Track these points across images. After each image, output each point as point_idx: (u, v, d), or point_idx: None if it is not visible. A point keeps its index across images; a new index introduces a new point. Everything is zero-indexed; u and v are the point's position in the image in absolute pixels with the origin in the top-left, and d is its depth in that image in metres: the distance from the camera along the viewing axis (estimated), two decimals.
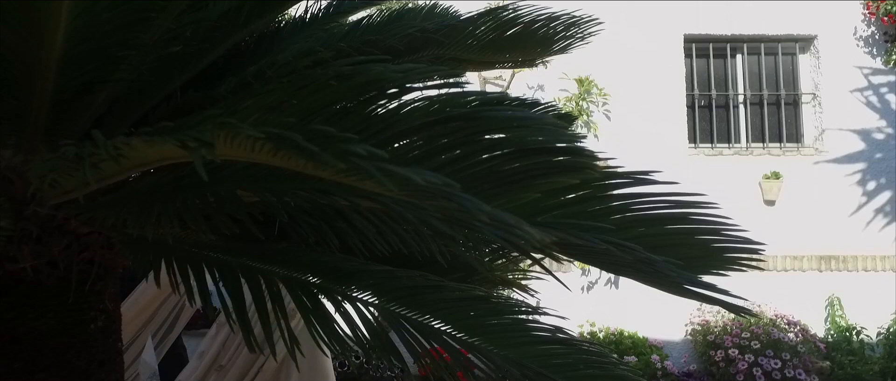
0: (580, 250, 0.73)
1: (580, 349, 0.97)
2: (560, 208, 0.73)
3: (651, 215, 0.80)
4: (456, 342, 0.89)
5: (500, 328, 0.93)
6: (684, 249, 0.83)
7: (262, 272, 0.87)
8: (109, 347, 1.01)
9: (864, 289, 4.60)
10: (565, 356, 0.93)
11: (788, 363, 4.09)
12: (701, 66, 4.98)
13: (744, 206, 4.70)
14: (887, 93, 4.81)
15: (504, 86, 4.52)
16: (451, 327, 0.90)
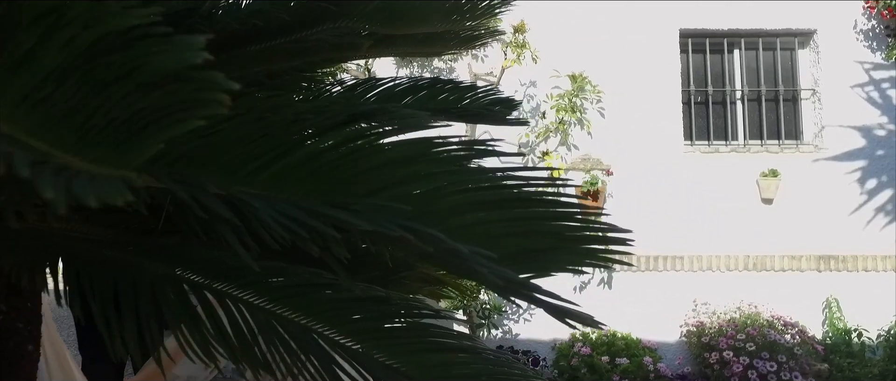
0: (371, 236, 0.61)
1: (485, 358, 0.88)
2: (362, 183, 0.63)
3: (492, 197, 0.70)
4: (337, 347, 0.79)
5: (392, 334, 0.83)
6: (533, 238, 0.72)
7: (135, 268, 0.77)
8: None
9: (864, 290, 4.50)
10: (465, 366, 0.84)
11: (785, 366, 4.00)
12: (697, 61, 4.88)
13: (741, 204, 4.61)
14: (888, 88, 4.70)
15: (494, 82, 4.43)
16: (335, 331, 0.80)
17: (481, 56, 4.68)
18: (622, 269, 4.52)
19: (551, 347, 4.35)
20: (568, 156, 4.54)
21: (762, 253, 4.58)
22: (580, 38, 4.65)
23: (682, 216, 4.55)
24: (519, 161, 4.23)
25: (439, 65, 4.69)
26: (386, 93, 1.15)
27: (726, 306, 4.41)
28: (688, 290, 4.50)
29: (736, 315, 4.32)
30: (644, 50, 4.67)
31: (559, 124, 4.41)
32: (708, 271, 4.57)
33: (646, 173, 4.56)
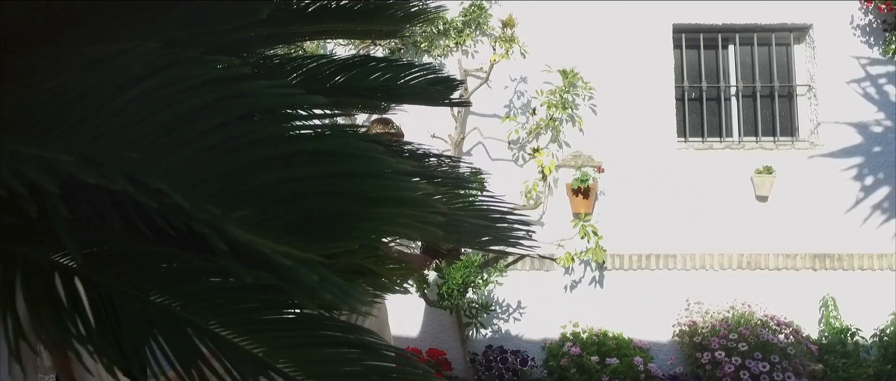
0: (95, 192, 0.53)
1: (383, 355, 0.81)
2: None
3: (282, 151, 0.60)
4: (211, 338, 0.72)
5: (274, 326, 0.76)
6: (328, 201, 0.62)
7: (11, 256, 0.71)
8: None
9: (861, 289, 4.43)
10: (354, 363, 0.78)
11: (777, 366, 3.93)
12: (691, 57, 4.80)
13: (735, 202, 4.54)
14: (886, 84, 4.62)
15: (484, 78, 4.37)
16: (216, 322, 0.73)
17: (472, 52, 4.62)
18: (615, 267, 4.47)
19: (541, 346, 4.29)
20: (559, 153, 4.48)
21: (756, 251, 4.51)
22: (572, 33, 4.58)
23: (675, 214, 4.48)
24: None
25: (429, 61, 4.62)
26: (314, 72, 1.09)
27: (720, 305, 4.34)
28: (681, 289, 4.44)
29: (729, 315, 4.25)
30: (637, 45, 4.60)
31: (550, 121, 4.35)
32: (701, 270, 4.50)
33: (638, 171, 4.49)
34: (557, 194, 4.43)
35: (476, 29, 4.49)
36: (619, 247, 4.43)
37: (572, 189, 4.23)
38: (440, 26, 4.38)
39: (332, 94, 1.12)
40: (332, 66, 1.11)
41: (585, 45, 4.55)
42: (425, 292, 4.12)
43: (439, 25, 4.38)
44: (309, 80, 1.07)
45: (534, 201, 4.31)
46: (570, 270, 4.43)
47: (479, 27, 4.48)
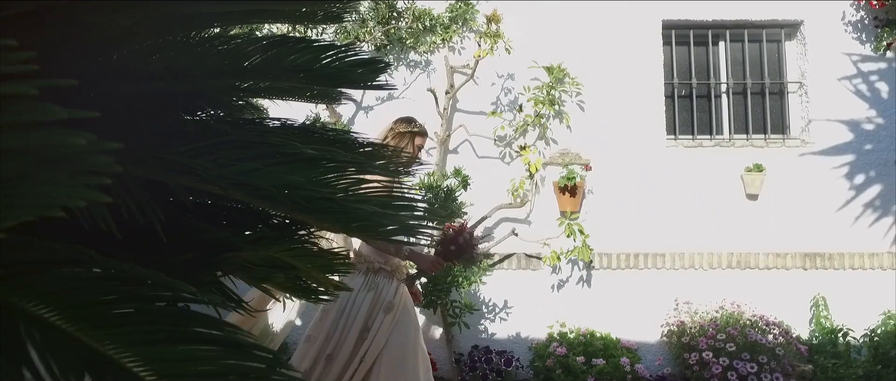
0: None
1: (246, 354, 0.75)
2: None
3: None
4: (48, 332, 0.65)
5: (122, 321, 0.70)
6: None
7: None
8: None
9: (852, 288, 4.37)
10: (210, 362, 0.71)
11: (766, 367, 3.88)
12: (681, 53, 4.74)
13: (725, 200, 4.49)
14: (877, 81, 4.56)
15: (470, 74, 4.31)
16: (57, 314, 0.66)
17: (459, 48, 4.55)
18: (603, 267, 4.41)
19: (528, 347, 4.23)
20: (546, 151, 4.42)
21: (746, 250, 4.45)
22: (560, 29, 4.52)
23: (664, 213, 4.42)
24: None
25: (415, 57, 4.56)
26: (231, 51, 1.02)
27: (709, 305, 4.29)
28: (669, 288, 4.38)
29: (718, 315, 4.19)
30: (626, 41, 4.54)
31: (537, 118, 4.28)
32: (690, 270, 4.44)
33: (627, 169, 4.44)
34: (544, 193, 4.37)
35: (462, 25, 4.43)
36: (607, 246, 4.37)
37: (559, 187, 4.17)
38: (426, 23, 4.33)
39: (249, 75, 1.06)
40: (252, 45, 1.04)
41: (573, 42, 4.50)
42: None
43: (426, 22, 4.32)
44: (224, 57, 1.00)
45: (520, 200, 4.25)
46: (557, 269, 4.37)
47: (466, 23, 4.42)
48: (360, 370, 2.45)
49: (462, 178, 4.04)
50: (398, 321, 2.55)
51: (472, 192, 4.17)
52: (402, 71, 4.58)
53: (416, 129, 2.79)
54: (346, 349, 2.48)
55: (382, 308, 2.54)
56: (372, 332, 2.50)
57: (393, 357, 2.49)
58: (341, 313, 2.54)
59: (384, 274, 2.60)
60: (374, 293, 2.55)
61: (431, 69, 4.55)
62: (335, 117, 4.41)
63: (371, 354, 2.46)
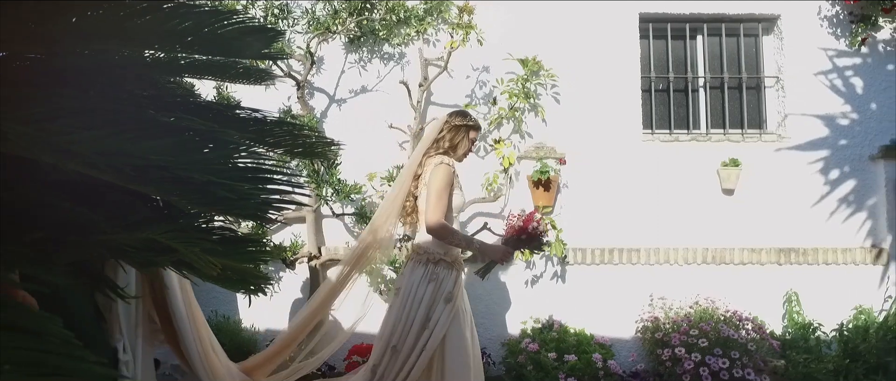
0: None
1: (44, 341, 0.69)
2: None
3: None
4: None
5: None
6: None
7: None
8: None
9: (825, 283, 4.37)
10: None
11: (737, 362, 3.86)
12: (658, 47, 4.70)
13: (701, 195, 4.46)
14: (852, 76, 4.55)
15: (443, 66, 4.24)
16: None
17: (433, 40, 4.48)
18: (577, 262, 4.37)
19: (501, 343, 4.19)
20: (521, 144, 4.36)
21: (722, 246, 4.43)
22: (535, 21, 4.46)
23: (640, 207, 4.39)
24: None
25: (389, 50, 4.48)
26: (109, 14, 0.95)
27: (683, 300, 4.27)
28: (644, 284, 4.36)
29: (692, 311, 4.17)
30: (602, 34, 4.49)
31: (511, 111, 4.23)
32: (665, 265, 4.42)
33: (602, 163, 4.40)
34: (519, 187, 4.32)
35: (437, 17, 4.36)
36: (581, 241, 4.33)
37: (533, 181, 4.12)
38: (400, 15, 4.25)
39: (128, 38, 0.98)
40: (137, 6, 0.97)
41: (549, 34, 4.44)
42: (380, 288, 4.00)
43: (399, 14, 4.25)
44: (107, 21, 0.93)
45: (494, 194, 4.20)
46: (530, 264, 4.33)
47: (440, 15, 4.34)
48: (422, 360, 2.53)
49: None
50: (458, 310, 2.62)
51: None
52: (375, 63, 4.50)
53: (470, 122, 2.85)
54: (410, 340, 2.55)
55: (443, 299, 2.60)
56: (433, 322, 2.56)
57: (454, 347, 2.56)
58: (403, 305, 2.63)
59: (444, 265, 2.66)
60: (434, 285, 2.61)
61: (405, 62, 4.47)
62: (307, 110, 4.33)
63: (432, 344, 2.53)
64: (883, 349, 3.68)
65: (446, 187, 2.68)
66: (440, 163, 2.72)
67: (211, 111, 1.19)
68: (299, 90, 4.28)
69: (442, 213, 2.65)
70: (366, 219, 4.07)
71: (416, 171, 2.81)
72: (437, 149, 2.80)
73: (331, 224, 4.35)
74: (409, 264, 2.77)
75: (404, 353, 2.56)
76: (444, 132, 2.80)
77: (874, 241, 4.45)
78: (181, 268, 1.28)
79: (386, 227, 2.91)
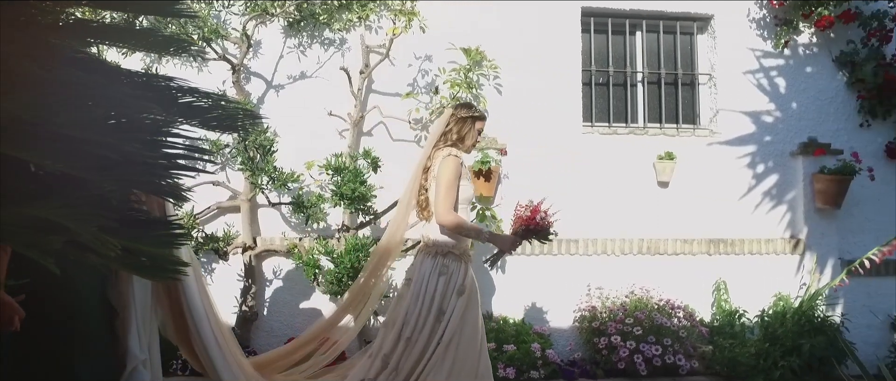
0: None
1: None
2: None
3: None
4: None
5: None
6: None
7: None
8: None
9: (750, 272, 4.58)
10: None
11: (669, 349, 4.00)
12: (599, 41, 4.78)
13: (638, 187, 4.58)
14: (777, 76, 4.78)
15: (384, 53, 4.16)
16: None
17: (376, 27, 4.39)
18: (516, 252, 4.38)
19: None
20: None
21: (656, 237, 4.57)
22: (479, 11, 4.44)
23: (579, 199, 4.45)
24: None
25: (329, 35, 4.35)
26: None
27: (620, 290, 4.37)
28: (583, 274, 4.43)
29: (627, 300, 4.28)
30: (545, 27, 4.52)
31: (453, 101, 4.19)
32: (603, 255, 4.51)
33: (543, 154, 4.43)
34: None
35: (380, 3, 4.26)
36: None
37: (474, 171, 4.10)
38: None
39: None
40: None
41: (492, 24, 4.43)
42: (318, 280, 3.89)
43: None
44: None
45: None
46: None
47: (383, 1, 4.25)
48: (439, 351, 2.60)
49: (372, 159, 3.90)
50: (469, 301, 2.70)
51: (384, 175, 4.03)
52: (315, 49, 4.36)
53: (476, 113, 2.92)
54: (426, 332, 2.63)
55: (455, 291, 2.68)
56: (447, 314, 2.65)
57: (467, 336, 2.65)
58: (416, 297, 2.69)
59: (453, 257, 2.73)
60: (445, 278, 2.69)
61: (346, 48, 4.36)
62: (242, 95, 4.15)
63: (447, 335, 2.61)
64: (797, 333, 3.89)
65: (455, 179, 2.74)
66: (448, 155, 2.78)
67: (101, 70, 1.08)
68: (234, 74, 4.10)
69: (451, 204, 2.72)
70: (303, 208, 3.95)
71: (426, 164, 2.90)
72: (446, 141, 2.87)
73: (267, 214, 4.20)
74: (419, 256, 2.85)
75: (420, 345, 2.63)
76: (451, 125, 2.87)
77: (792, 232, 4.70)
78: (76, 252, 1.16)
79: (401, 230, 3.04)
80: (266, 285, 4.17)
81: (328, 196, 3.93)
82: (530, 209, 2.80)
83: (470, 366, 2.66)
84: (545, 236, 2.82)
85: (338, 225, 4.10)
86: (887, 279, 4.70)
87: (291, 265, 4.06)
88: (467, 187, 2.83)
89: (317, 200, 3.94)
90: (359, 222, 4.08)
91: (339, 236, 4.02)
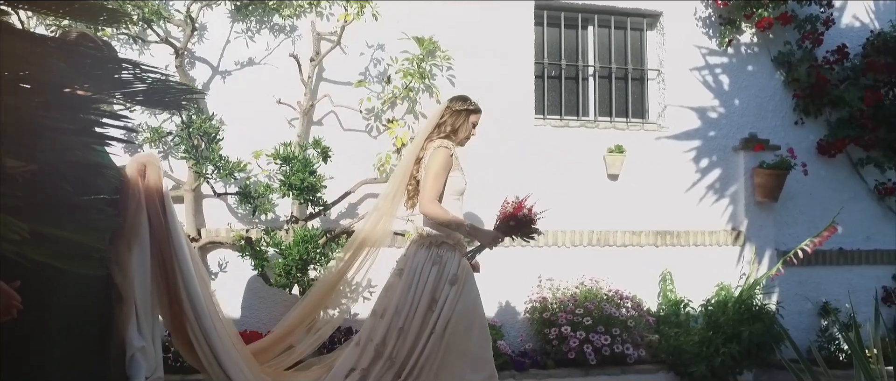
0: None
1: None
2: None
3: None
4: None
5: None
6: None
7: None
8: None
9: (694, 263, 4.73)
10: None
11: (618, 338, 4.08)
12: (552, 35, 4.82)
13: (588, 180, 4.65)
14: (721, 73, 4.94)
15: (336, 41, 4.06)
16: None
17: (327, 14, 4.28)
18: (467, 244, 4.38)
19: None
20: (415, 125, 4.30)
21: (606, 229, 4.65)
22: (433, 1, 4.39)
23: (530, 190, 4.44)
24: None
25: (279, 21, 4.22)
26: None
27: (570, 281, 4.43)
28: (534, 266, 4.47)
29: (577, 291, 4.34)
30: (498, 18, 4.52)
31: (406, 91, 4.14)
32: (554, 247, 4.56)
33: (495, 145, 4.44)
34: None
35: None
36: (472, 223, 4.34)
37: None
38: None
39: None
40: None
41: (446, 14, 4.39)
42: (264, 271, 3.78)
43: None
44: None
45: (387, 175, 4.10)
46: None
47: None
48: (433, 340, 2.60)
49: (322, 149, 3.81)
50: (463, 291, 2.70)
51: (335, 165, 3.95)
52: (264, 35, 4.22)
53: (471, 107, 2.94)
54: (417, 321, 2.62)
55: (448, 281, 2.68)
56: (439, 304, 2.64)
57: (459, 328, 2.64)
58: (408, 287, 2.69)
59: (447, 247, 2.74)
60: (438, 267, 2.69)
61: (297, 35, 4.24)
62: (187, 80, 3.98)
63: (440, 325, 2.61)
64: (738, 321, 4.04)
65: (443, 170, 2.76)
66: (439, 146, 2.80)
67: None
68: (178, 58, 3.92)
69: (436, 194, 2.74)
70: (250, 199, 3.82)
71: (419, 154, 2.88)
72: (439, 133, 2.89)
73: (212, 204, 4.04)
74: (412, 247, 2.84)
75: (412, 334, 2.63)
76: (446, 117, 2.88)
77: (734, 224, 4.88)
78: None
79: (386, 220, 2.99)
80: (211, 279, 4.01)
81: (276, 186, 3.82)
82: (514, 206, 2.80)
83: (469, 354, 2.66)
84: (528, 232, 2.81)
85: (286, 216, 3.99)
86: (817, 269, 4.94)
87: (238, 258, 3.93)
88: (459, 179, 2.84)
89: (264, 190, 3.82)
90: (308, 213, 3.98)
91: (288, 228, 3.91)
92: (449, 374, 2.64)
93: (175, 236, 2.29)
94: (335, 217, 4.18)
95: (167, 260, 2.31)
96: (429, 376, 2.62)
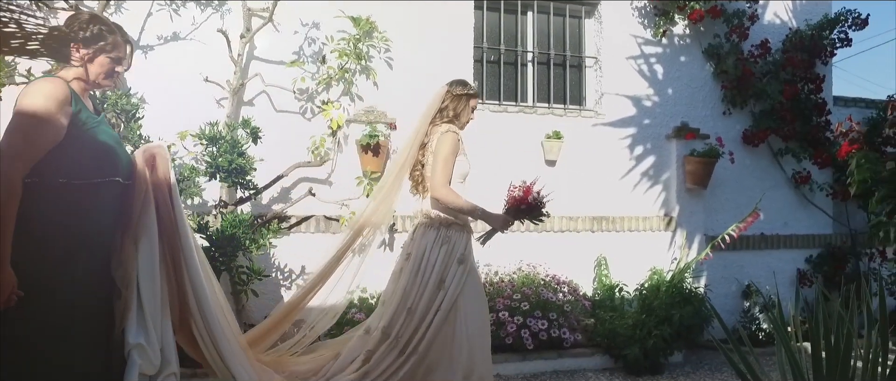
0: None
1: None
2: None
3: None
4: None
5: None
6: None
7: None
8: None
9: (629, 248, 4.83)
10: None
11: (555, 323, 4.11)
12: (492, 19, 4.79)
13: (526, 165, 4.65)
14: (655, 63, 5.06)
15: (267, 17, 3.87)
16: None
17: None
18: (405, 230, 4.31)
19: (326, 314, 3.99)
20: (351, 107, 4.17)
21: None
22: None
23: (468, 176, 4.44)
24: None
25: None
26: None
27: (509, 267, 4.43)
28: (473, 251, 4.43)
29: (515, 276, 4.35)
30: (438, 1, 4.44)
31: (342, 72, 4.00)
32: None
33: None
34: (347, 151, 4.13)
35: None
36: (409, 208, 4.25)
37: (362, 145, 3.95)
38: None
39: None
40: None
41: None
42: None
43: None
44: None
45: (321, 158, 3.96)
46: None
47: None
48: (438, 319, 2.61)
49: (252, 129, 3.62)
50: (470, 270, 2.73)
51: (266, 147, 3.77)
52: (190, 8, 3.98)
53: (471, 91, 2.94)
54: (425, 301, 2.64)
55: (456, 260, 2.71)
56: (447, 283, 2.66)
57: (469, 308, 2.66)
58: (416, 269, 2.70)
59: (456, 228, 2.77)
60: (447, 247, 2.71)
61: (226, 10, 4.01)
62: None
63: (447, 304, 2.61)
64: (669, 304, 4.16)
65: (453, 154, 2.77)
66: (447, 131, 2.80)
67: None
68: None
69: (447, 179, 2.75)
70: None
71: (423, 140, 2.88)
72: (443, 118, 2.89)
73: None
74: (419, 229, 2.84)
75: (419, 313, 2.63)
76: (448, 102, 2.90)
77: (666, 210, 5.02)
78: None
79: (387, 204, 2.96)
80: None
81: (202, 169, 3.61)
82: (523, 190, 2.84)
83: (475, 334, 2.65)
84: (538, 215, 2.86)
85: (214, 201, 3.78)
86: (741, 253, 5.17)
87: None
88: (464, 163, 2.87)
89: (190, 172, 3.60)
90: (238, 198, 3.79)
91: (217, 213, 3.71)
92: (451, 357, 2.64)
93: (183, 230, 2.18)
94: (267, 202, 4.00)
95: (175, 255, 2.20)
96: (437, 354, 2.61)
